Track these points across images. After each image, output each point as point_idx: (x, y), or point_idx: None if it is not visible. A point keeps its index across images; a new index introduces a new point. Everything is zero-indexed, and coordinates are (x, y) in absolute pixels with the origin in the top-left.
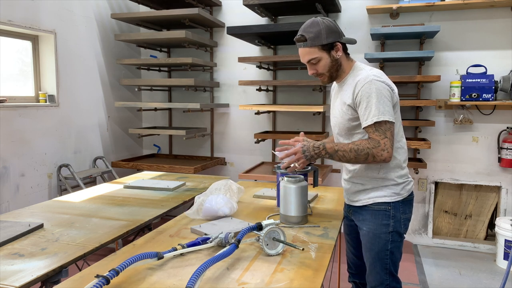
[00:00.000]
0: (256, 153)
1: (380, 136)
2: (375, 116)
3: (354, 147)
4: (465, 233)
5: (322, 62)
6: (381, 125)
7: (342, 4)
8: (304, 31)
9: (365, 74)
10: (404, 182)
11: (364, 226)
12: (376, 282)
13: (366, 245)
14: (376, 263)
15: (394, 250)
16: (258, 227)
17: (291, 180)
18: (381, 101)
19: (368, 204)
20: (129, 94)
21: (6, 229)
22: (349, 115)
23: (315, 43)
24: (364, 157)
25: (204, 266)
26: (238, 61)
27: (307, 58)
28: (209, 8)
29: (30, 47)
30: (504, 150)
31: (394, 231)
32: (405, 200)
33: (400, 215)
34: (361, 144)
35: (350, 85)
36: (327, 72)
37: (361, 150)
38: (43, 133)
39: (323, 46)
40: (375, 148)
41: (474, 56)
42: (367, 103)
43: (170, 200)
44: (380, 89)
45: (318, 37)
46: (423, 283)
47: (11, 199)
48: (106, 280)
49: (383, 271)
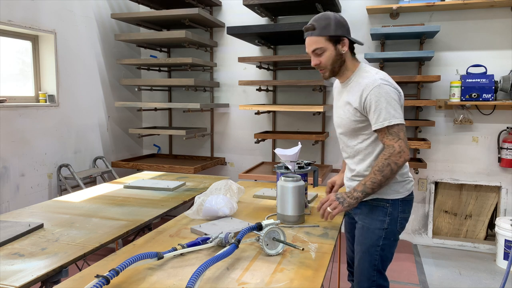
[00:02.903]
0: (256, 153)
1: (393, 140)
2: (386, 120)
3: (376, 168)
4: (465, 233)
5: (327, 53)
6: (393, 128)
7: (342, 4)
8: (314, 21)
9: (372, 78)
10: (404, 180)
11: (359, 220)
12: (363, 277)
13: (359, 238)
14: (365, 257)
15: (385, 247)
16: (258, 227)
17: (288, 179)
18: (391, 104)
19: (367, 200)
20: (129, 94)
21: (6, 229)
22: (356, 117)
23: (323, 33)
24: (389, 170)
25: (204, 266)
26: (238, 61)
27: (313, 47)
28: (209, 8)
29: (30, 47)
30: (504, 150)
31: (389, 229)
32: (404, 200)
33: (397, 213)
34: (379, 162)
35: (355, 87)
36: (330, 66)
37: (382, 166)
38: (43, 133)
39: (330, 37)
40: (392, 155)
41: (474, 56)
42: (376, 107)
43: (170, 200)
44: (388, 92)
45: (327, 27)
46: (423, 283)
47: (11, 199)
48: (106, 280)
49: (371, 267)
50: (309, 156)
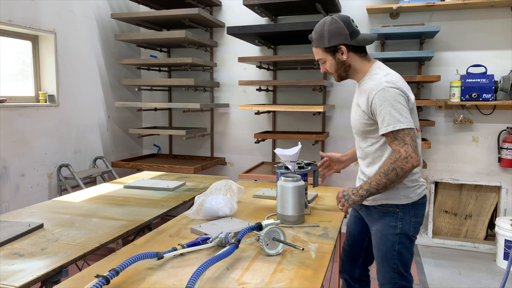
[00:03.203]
0: (256, 153)
1: (399, 145)
2: (390, 125)
3: (381, 170)
4: (465, 233)
5: (328, 63)
6: (398, 133)
7: (342, 4)
8: (314, 31)
9: (378, 80)
10: (414, 185)
11: (373, 226)
12: (385, 280)
13: (375, 244)
14: (383, 262)
15: (402, 250)
16: (258, 227)
17: (288, 179)
18: (396, 108)
19: (375, 205)
20: (129, 94)
21: (6, 229)
22: (364, 119)
23: (319, 45)
24: (394, 175)
25: (204, 266)
26: (238, 61)
27: (316, 57)
28: (209, 8)
29: (30, 47)
30: (504, 150)
31: (402, 233)
32: (415, 204)
33: (409, 217)
34: (385, 165)
35: (365, 89)
36: (335, 72)
37: (387, 169)
38: (43, 133)
39: (326, 49)
40: (398, 160)
41: (474, 56)
42: (380, 111)
43: (170, 200)
44: (394, 96)
45: (321, 40)
46: (423, 283)
47: (11, 199)
48: (106, 280)
49: (391, 270)
50: (309, 156)
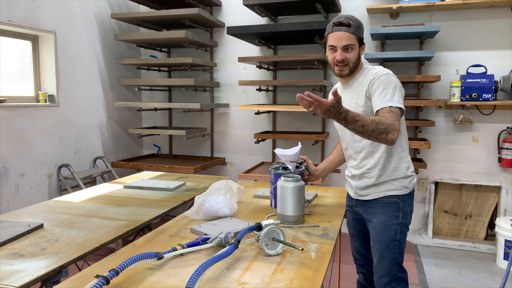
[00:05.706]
0: (256, 153)
1: (393, 118)
2: (390, 102)
3: (376, 119)
4: (465, 233)
5: (354, 51)
6: (395, 109)
7: (342, 4)
8: (348, 19)
9: (381, 69)
10: (411, 175)
11: (374, 219)
12: (384, 272)
13: (376, 236)
14: (385, 253)
15: (402, 240)
16: (258, 227)
17: (288, 179)
18: (397, 91)
19: (378, 198)
20: (129, 94)
21: (6, 229)
22: (368, 106)
23: (357, 32)
24: (380, 131)
25: (204, 266)
26: (238, 61)
27: (346, 42)
28: (209, 8)
29: (30, 47)
30: (504, 150)
31: (403, 223)
32: (410, 194)
33: (407, 207)
34: (382, 119)
35: (362, 81)
36: (352, 63)
37: (381, 123)
38: (43, 133)
39: (359, 38)
40: (392, 125)
41: (474, 56)
42: (383, 89)
43: (170, 200)
44: (397, 82)
45: (360, 28)
46: (423, 283)
47: (11, 199)
48: (106, 280)
49: (391, 261)
50: (309, 156)
